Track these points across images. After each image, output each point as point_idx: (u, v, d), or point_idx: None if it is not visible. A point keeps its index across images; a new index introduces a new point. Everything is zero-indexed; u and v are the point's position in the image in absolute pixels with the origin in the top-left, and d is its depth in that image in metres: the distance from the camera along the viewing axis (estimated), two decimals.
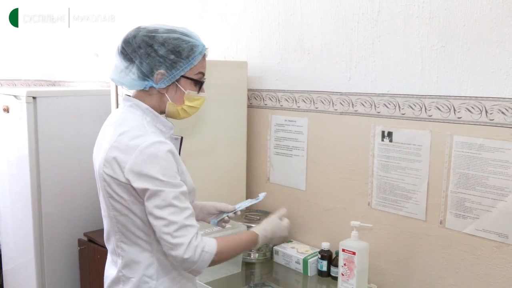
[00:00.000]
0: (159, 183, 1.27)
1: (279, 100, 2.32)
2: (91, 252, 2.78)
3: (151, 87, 1.37)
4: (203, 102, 1.48)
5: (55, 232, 2.88)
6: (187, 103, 1.42)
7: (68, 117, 2.88)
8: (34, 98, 2.71)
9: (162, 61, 1.34)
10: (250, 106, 2.44)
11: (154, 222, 1.29)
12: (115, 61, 1.40)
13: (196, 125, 2.17)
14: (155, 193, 1.27)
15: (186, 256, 1.27)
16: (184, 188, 1.32)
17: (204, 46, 1.40)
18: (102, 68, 3.51)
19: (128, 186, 1.30)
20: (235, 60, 2.50)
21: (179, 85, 1.39)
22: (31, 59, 3.95)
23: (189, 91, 1.40)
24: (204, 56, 1.42)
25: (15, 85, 3.92)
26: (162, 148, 1.30)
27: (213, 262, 1.34)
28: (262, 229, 1.51)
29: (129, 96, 1.44)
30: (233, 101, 2.33)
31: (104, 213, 1.43)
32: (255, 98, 2.43)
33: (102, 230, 1.50)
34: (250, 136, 2.44)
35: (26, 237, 2.85)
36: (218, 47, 2.60)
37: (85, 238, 2.86)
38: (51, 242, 2.86)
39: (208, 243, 1.32)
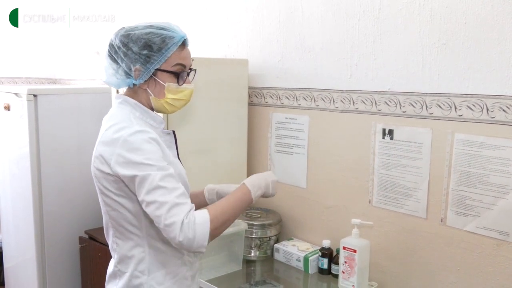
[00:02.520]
0: (145, 167, 1.27)
1: (279, 98, 2.32)
2: (92, 250, 2.79)
3: (135, 84, 1.40)
4: (190, 93, 1.46)
5: (56, 230, 2.88)
6: (169, 95, 1.41)
7: (69, 115, 2.87)
8: (35, 96, 2.71)
9: (137, 58, 1.36)
10: (250, 104, 2.44)
11: (147, 209, 1.28)
12: (104, 64, 1.44)
13: (197, 123, 2.17)
14: (143, 179, 1.27)
15: (181, 238, 1.23)
16: (171, 170, 1.31)
17: (181, 37, 1.38)
18: (102, 66, 3.51)
19: (116, 179, 1.32)
20: (236, 58, 2.50)
21: (157, 79, 1.39)
22: (32, 57, 3.95)
23: (168, 83, 1.40)
24: (183, 48, 1.40)
25: (16, 83, 3.92)
26: (145, 136, 1.31)
27: (212, 232, 1.28)
28: (251, 184, 1.44)
29: (120, 94, 1.48)
30: (233, 99, 2.33)
31: (101, 209, 1.45)
32: (256, 96, 2.43)
33: (103, 228, 1.51)
34: (251, 134, 2.44)
35: (27, 235, 2.85)
36: (219, 45, 2.60)
37: (86, 236, 2.86)
38: (52, 240, 2.86)
39: (198, 215, 1.27)
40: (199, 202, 1.61)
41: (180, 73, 1.41)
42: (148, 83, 1.40)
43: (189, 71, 1.45)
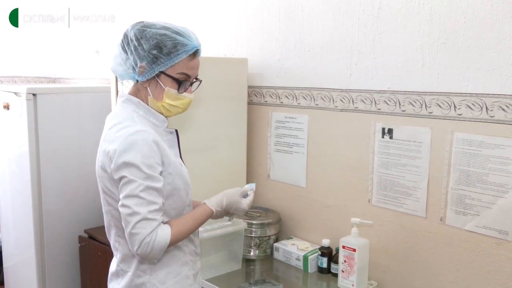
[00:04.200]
0: (135, 171, 1.28)
1: (279, 97, 2.32)
2: (91, 249, 2.79)
3: (137, 80, 1.41)
4: (187, 103, 1.46)
5: (56, 229, 2.88)
6: (167, 100, 1.41)
7: (68, 114, 2.87)
8: (34, 95, 2.70)
9: (145, 55, 1.36)
10: (250, 103, 2.44)
11: (121, 209, 1.31)
12: (114, 52, 1.43)
13: (196, 122, 2.16)
14: (128, 182, 1.29)
15: (138, 251, 1.30)
16: (158, 184, 1.32)
17: (194, 46, 1.38)
18: (102, 65, 3.51)
19: (115, 179, 1.33)
20: (236, 57, 2.49)
21: (159, 81, 1.39)
22: (31, 56, 3.95)
23: (168, 88, 1.39)
24: (193, 57, 1.40)
25: (15, 82, 3.92)
26: (145, 137, 1.32)
27: (169, 246, 1.35)
28: (217, 204, 1.48)
29: (124, 92, 1.48)
30: (233, 98, 2.33)
31: (103, 208, 1.45)
32: (256, 95, 2.43)
33: (102, 227, 1.51)
34: (250, 133, 2.44)
35: (27, 234, 2.85)
36: (218, 44, 2.59)
37: (86, 235, 2.86)
38: (51, 239, 2.86)
39: (160, 233, 1.31)
40: None
41: (182, 81, 1.41)
42: (150, 82, 1.40)
43: (194, 80, 1.45)
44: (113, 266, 1.50)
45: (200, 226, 1.47)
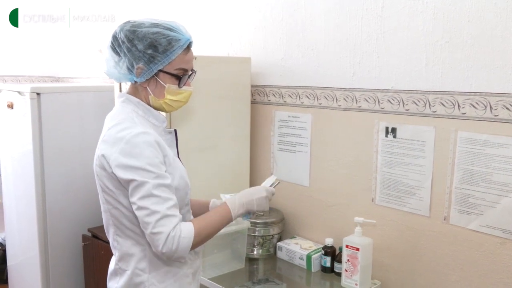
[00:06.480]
0: (144, 173, 1.28)
1: (282, 96, 2.32)
2: (95, 248, 2.79)
3: (136, 81, 1.40)
4: (188, 96, 1.47)
5: (60, 228, 2.88)
6: (168, 97, 1.41)
7: (72, 113, 2.88)
8: (38, 94, 2.71)
9: (141, 56, 1.35)
10: (253, 102, 2.44)
11: (137, 212, 1.30)
12: (106, 55, 1.43)
13: (199, 121, 2.17)
14: (139, 184, 1.28)
15: (164, 250, 1.28)
16: (168, 181, 1.32)
17: (187, 39, 1.38)
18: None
19: (116, 178, 1.32)
20: (239, 56, 2.49)
21: (158, 79, 1.39)
22: (35, 55, 3.96)
23: (169, 85, 1.40)
24: (187, 51, 1.41)
25: (19, 81, 3.93)
26: (147, 139, 1.31)
27: (194, 245, 1.33)
28: (237, 204, 1.46)
29: (123, 92, 1.48)
30: (236, 97, 2.33)
31: (101, 207, 1.46)
32: (259, 94, 2.43)
33: None
34: (254, 132, 2.44)
35: (31, 233, 2.86)
36: (221, 43, 2.59)
37: (89, 234, 2.87)
38: (55, 238, 2.87)
39: (184, 229, 1.31)
40: (202, 212, 1.62)
41: (181, 77, 1.41)
42: (149, 82, 1.40)
43: (190, 73, 1.45)
44: (112, 265, 1.50)
45: (221, 224, 1.43)
